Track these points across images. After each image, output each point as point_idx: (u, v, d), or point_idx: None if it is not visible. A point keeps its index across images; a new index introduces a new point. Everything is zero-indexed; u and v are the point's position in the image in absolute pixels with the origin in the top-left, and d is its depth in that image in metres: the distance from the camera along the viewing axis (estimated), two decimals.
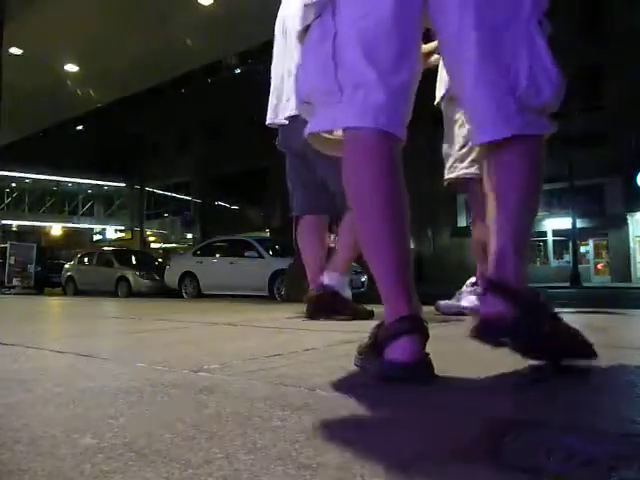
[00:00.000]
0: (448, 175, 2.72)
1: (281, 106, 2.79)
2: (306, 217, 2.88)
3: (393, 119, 1.09)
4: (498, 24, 1.08)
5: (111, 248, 19.46)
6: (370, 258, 1.12)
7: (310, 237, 2.89)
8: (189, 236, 32.69)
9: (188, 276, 11.43)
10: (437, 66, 2.42)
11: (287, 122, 2.74)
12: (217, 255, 11.54)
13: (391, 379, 0.99)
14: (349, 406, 0.83)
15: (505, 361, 1.10)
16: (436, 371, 1.03)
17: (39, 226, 33.34)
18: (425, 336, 1.04)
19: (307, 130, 1.19)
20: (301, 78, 1.16)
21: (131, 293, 12.55)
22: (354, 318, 2.45)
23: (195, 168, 30.94)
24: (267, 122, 2.91)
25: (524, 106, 1.08)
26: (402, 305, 1.05)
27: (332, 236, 3.34)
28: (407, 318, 1.03)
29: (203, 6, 21.30)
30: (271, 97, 2.89)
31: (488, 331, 1.04)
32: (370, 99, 1.07)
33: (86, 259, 14.72)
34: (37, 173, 31.87)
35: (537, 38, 1.10)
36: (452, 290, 2.80)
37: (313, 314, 2.52)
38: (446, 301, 2.76)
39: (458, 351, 1.50)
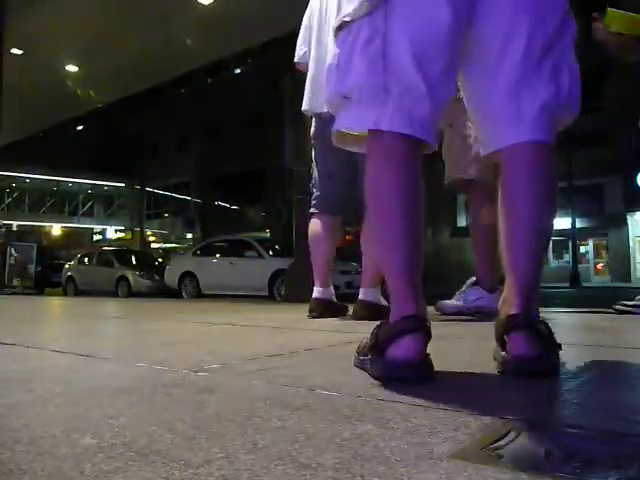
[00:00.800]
0: (448, 175, 2.72)
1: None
2: (322, 216, 2.82)
3: (432, 128, 1.13)
4: (546, 39, 1.11)
5: (111, 248, 19.46)
6: (383, 257, 1.15)
7: (323, 236, 2.84)
8: (189, 236, 32.68)
9: (188, 276, 11.43)
10: None
11: (327, 113, 2.69)
12: (217, 255, 11.53)
13: (392, 378, 0.99)
14: (349, 406, 0.83)
15: None
16: (436, 370, 1.04)
17: (39, 226, 33.33)
18: (428, 336, 1.05)
19: (340, 124, 1.19)
20: (343, 72, 1.14)
21: (131, 293, 12.55)
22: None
23: (195, 168, 30.94)
24: (304, 108, 2.84)
25: (557, 119, 1.15)
26: (409, 304, 1.06)
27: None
28: (412, 317, 1.04)
29: (203, 6, 21.30)
30: (311, 84, 2.80)
31: (517, 369, 1.05)
32: (417, 109, 1.10)
33: (86, 259, 14.73)
34: (37, 173, 31.87)
35: (573, 59, 1.15)
36: (452, 290, 2.80)
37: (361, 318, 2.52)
38: (446, 301, 2.76)
39: (458, 351, 1.50)
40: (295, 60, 2.96)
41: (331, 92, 1.18)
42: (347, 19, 1.13)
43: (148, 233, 34.49)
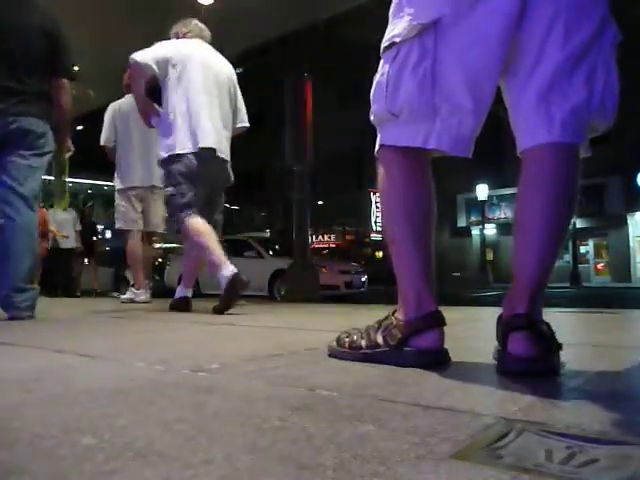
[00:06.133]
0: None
1: (216, 144, 3.19)
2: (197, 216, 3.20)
3: (472, 141, 1.18)
4: (582, 43, 1.11)
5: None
6: (402, 259, 1.23)
7: (210, 233, 3.26)
8: None
9: None
10: None
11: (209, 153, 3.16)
12: None
13: (420, 365, 1.13)
14: (349, 406, 0.83)
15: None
16: (436, 370, 1.04)
17: None
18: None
19: (387, 139, 1.22)
20: (393, 91, 1.17)
21: None
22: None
23: None
24: (207, 144, 3.14)
25: (589, 125, 1.15)
26: (429, 302, 1.19)
27: None
28: (435, 313, 1.19)
29: (203, 6, 21.31)
30: (197, 128, 3.12)
31: (518, 369, 1.06)
32: (463, 126, 1.14)
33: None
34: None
35: (613, 66, 1.14)
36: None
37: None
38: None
39: (458, 350, 1.49)
40: (141, 60, 3.11)
41: (379, 109, 1.22)
42: (397, 39, 1.16)
43: None
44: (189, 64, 3.18)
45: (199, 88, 3.17)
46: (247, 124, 3.55)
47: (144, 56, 3.10)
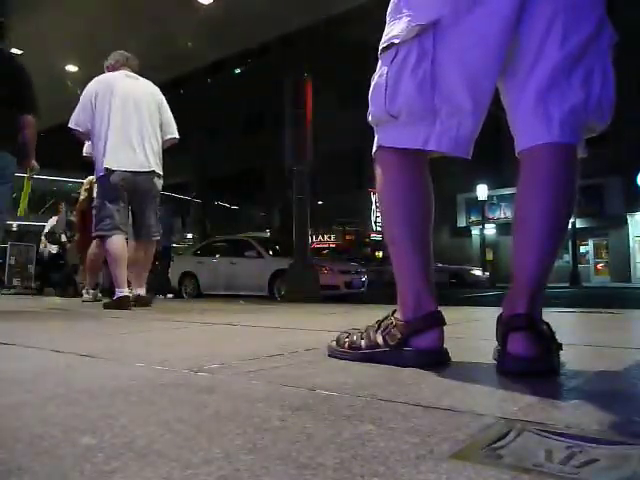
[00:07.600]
0: None
1: (136, 160, 3.80)
2: (117, 237, 3.80)
3: (472, 142, 1.18)
4: (580, 45, 1.11)
5: None
6: (402, 260, 1.24)
7: (126, 249, 3.86)
8: (189, 236, 32.68)
9: (188, 276, 11.41)
10: None
11: (137, 171, 3.80)
12: (217, 255, 11.53)
13: (420, 365, 1.13)
14: (349, 406, 0.83)
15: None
16: (436, 370, 1.03)
17: (39, 226, 33.25)
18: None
19: (386, 141, 1.22)
20: (392, 92, 1.16)
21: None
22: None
23: (195, 168, 30.91)
24: (126, 169, 3.76)
25: (587, 125, 1.15)
26: (429, 302, 1.19)
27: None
28: (435, 313, 1.19)
29: (203, 5, 21.29)
30: (112, 151, 3.75)
31: (518, 369, 1.07)
32: (463, 127, 1.14)
33: None
34: (37, 173, 31.84)
35: (609, 67, 1.14)
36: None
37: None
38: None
39: (458, 350, 1.49)
40: (73, 127, 3.86)
41: (378, 110, 1.21)
42: (396, 41, 1.16)
43: None
44: (109, 96, 3.78)
45: (116, 116, 3.75)
46: (176, 135, 4.12)
47: (71, 122, 3.85)
